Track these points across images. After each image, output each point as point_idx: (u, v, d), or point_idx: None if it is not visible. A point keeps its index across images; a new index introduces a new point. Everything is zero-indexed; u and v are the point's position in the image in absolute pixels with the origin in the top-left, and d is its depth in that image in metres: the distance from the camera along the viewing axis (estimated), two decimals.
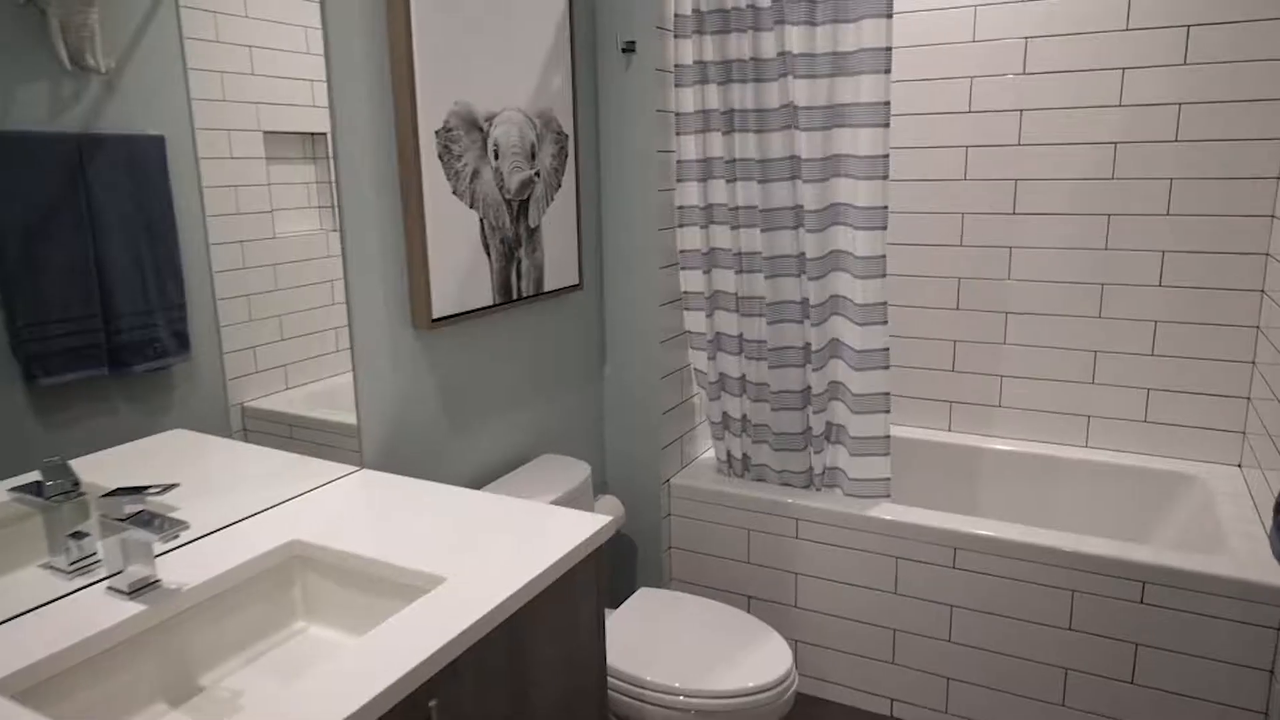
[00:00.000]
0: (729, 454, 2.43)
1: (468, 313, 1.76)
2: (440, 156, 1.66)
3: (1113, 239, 2.46)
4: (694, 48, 2.16)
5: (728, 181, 2.20)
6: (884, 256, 2.08)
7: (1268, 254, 2.30)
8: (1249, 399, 2.39)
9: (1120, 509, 2.52)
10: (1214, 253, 2.36)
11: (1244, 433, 2.42)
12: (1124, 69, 2.36)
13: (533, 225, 1.95)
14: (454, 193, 1.70)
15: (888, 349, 2.15)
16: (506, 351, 1.95)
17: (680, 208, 2.31)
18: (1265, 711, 1.87)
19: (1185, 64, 2.29)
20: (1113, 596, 1.95)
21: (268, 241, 1.37)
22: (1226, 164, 2.30)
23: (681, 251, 2.34)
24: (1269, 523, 1.99)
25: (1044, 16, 2.42)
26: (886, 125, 1.99)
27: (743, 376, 2.35)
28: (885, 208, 2.04)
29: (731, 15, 2.10)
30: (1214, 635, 1.88)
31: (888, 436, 2.21)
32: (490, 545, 1.25)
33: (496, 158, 1.82)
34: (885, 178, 2.02)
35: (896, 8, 2.58)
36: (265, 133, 1.36)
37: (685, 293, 2.36)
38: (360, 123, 1.52)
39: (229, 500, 1.33)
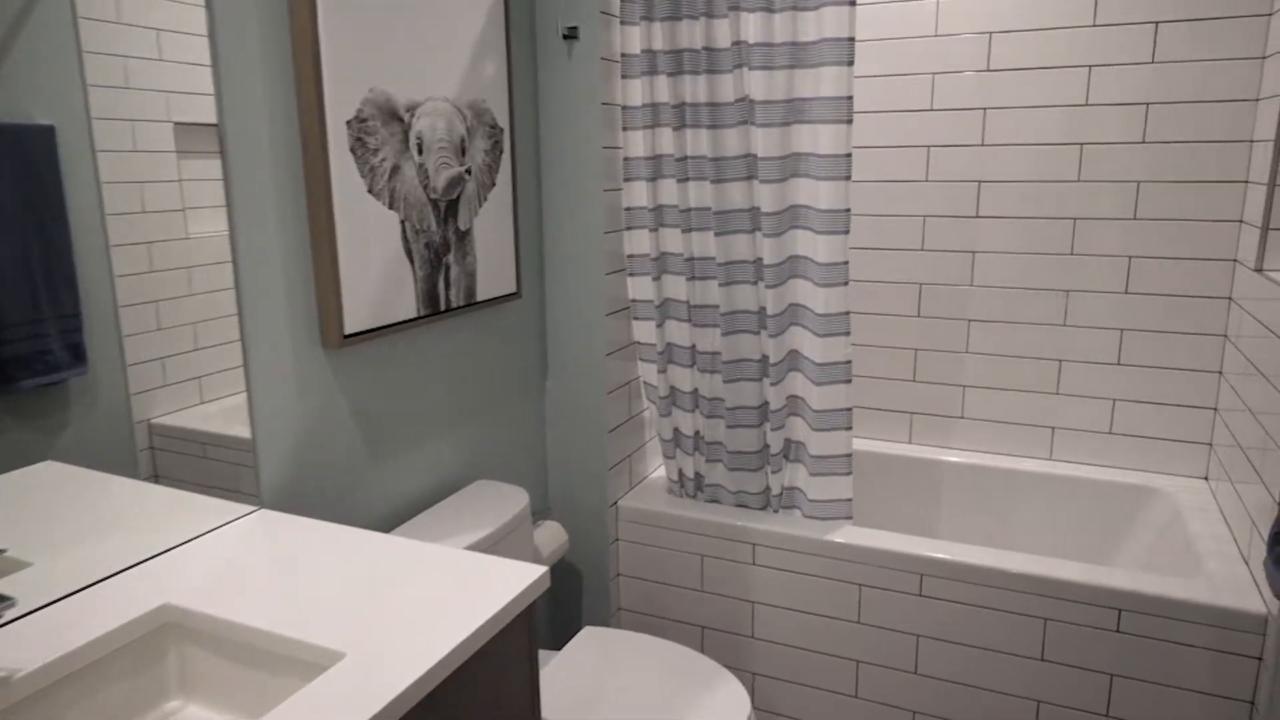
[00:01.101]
0: (681, 473, 2.26)
1: (388, 327, 1.57)
2: (353, 150, 1.46)
3: (1078, 244, 2.36)
4: (642, 35, 1.98)
5: (679, 181, 2.04)
6: (846, 263, 1.93)
7: (1236, 260, 2.22)
8: (1216, 410, 2.31)
9: (1086, 524, 2.42)
10: (1181, 259, 2.27)
11: (1211, 444, 2.34)
12: (1090, 67, 2.25)
13: (463, 228, 1.76)
14: (370, 191, 1.50)
15: (850, 362, 2.01)
16: (435, 369, 1.75)
17: (628, 209, 2.13)
18: None
19: (1153, 62, 2.20)
20: (1087, 624, 1.84)
21: (180, 243, 1.23)
22: (1194, 167, 2.21)
23: (629, 256, 2.17)
24: (1245, 543, 1.90)
25: (1008, 10, 2.30)
26: (849, 122, 1.84)
27: (695, 391, 2.19)
28: (848, 210, 1.90)
29: (683, 1, 1.93)
30: (1192, 664, 1.77)
31: (849, 455, 2.07)
32: (404, 607, 1.06)
33: (420, 153, 1.62)
34: (848, 178, 1.87)
35: None
36: (176, 124, 1.21)
37: (633, 301, 2.19)
38: (254, 110, 1.31)
39: (92, 553, 1.12)
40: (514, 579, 1.13)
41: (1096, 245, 2.34)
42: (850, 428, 2.05)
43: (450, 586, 1.11)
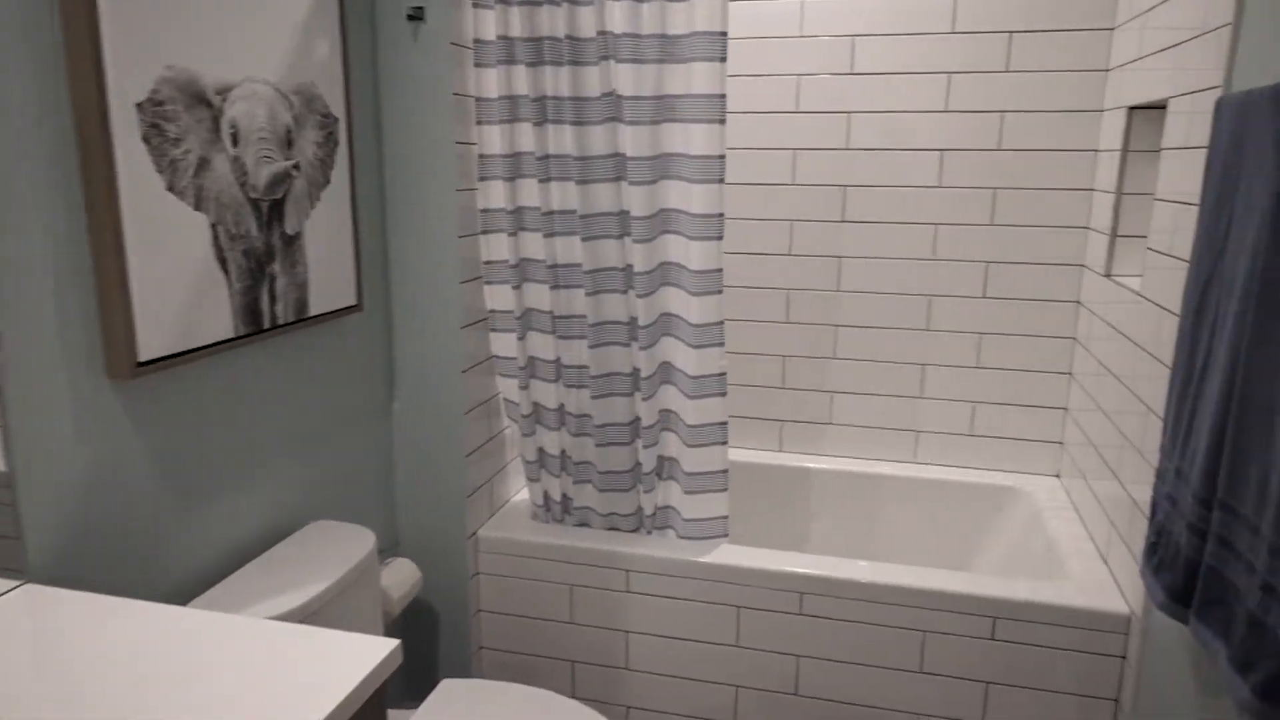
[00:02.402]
0: (547, 496, 2.10)
1: (197, 350, 1.32)
2: (146, 139, 1.20)
3: (940, 249, 2.37)
4: (497, 20, 1.80)
5: (541, 181, 1.87)
6: (720, 270, 1.83)
7: (1083, 266, 2.29)
8: (1067, 409, 2.38)
9: (951, 526, 2.44)
10: (1034, 264, 2.32)
11: (1062, 443, 2.41)
12: (950, 73, 2.26)
13: (291, 232, 1.52)
14: (171, 189, 1.25)
15: (725, 374, 1.91)
16: (259, 396, 1.51)
17: (484, 211, 1.94)
18: None
19: (1008, 71, 2.23)
20: (963, 634, 1.82)
21: None
22: (1045, 175, 2.26)
23: (486, 263, 1.98)
24: (1103, 542, 1.94)
25: (871, 13, 2.27)
26: (722, 121, 1.74)
27: (561, 407, 2.03)
28: (721, 215, 1.79)
29: None
30: (1062, 667, 1.79)
31: (725, 470, 1.97)
32: (211, 712, 0.84)
33: (236, 144, 1.38)
34: (721, 181, 1.77)
35: None
36: None
37: (491, 311, 2.00)
38: (7, 87, 1.04)
39: None
40: (360, 657, 0.94)
41: (957, 251, 2.36)
42: (725, 442, 1.96)
43: (272, 676, 0.90)
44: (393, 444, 1.98)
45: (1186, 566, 1.25)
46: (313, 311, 1.58)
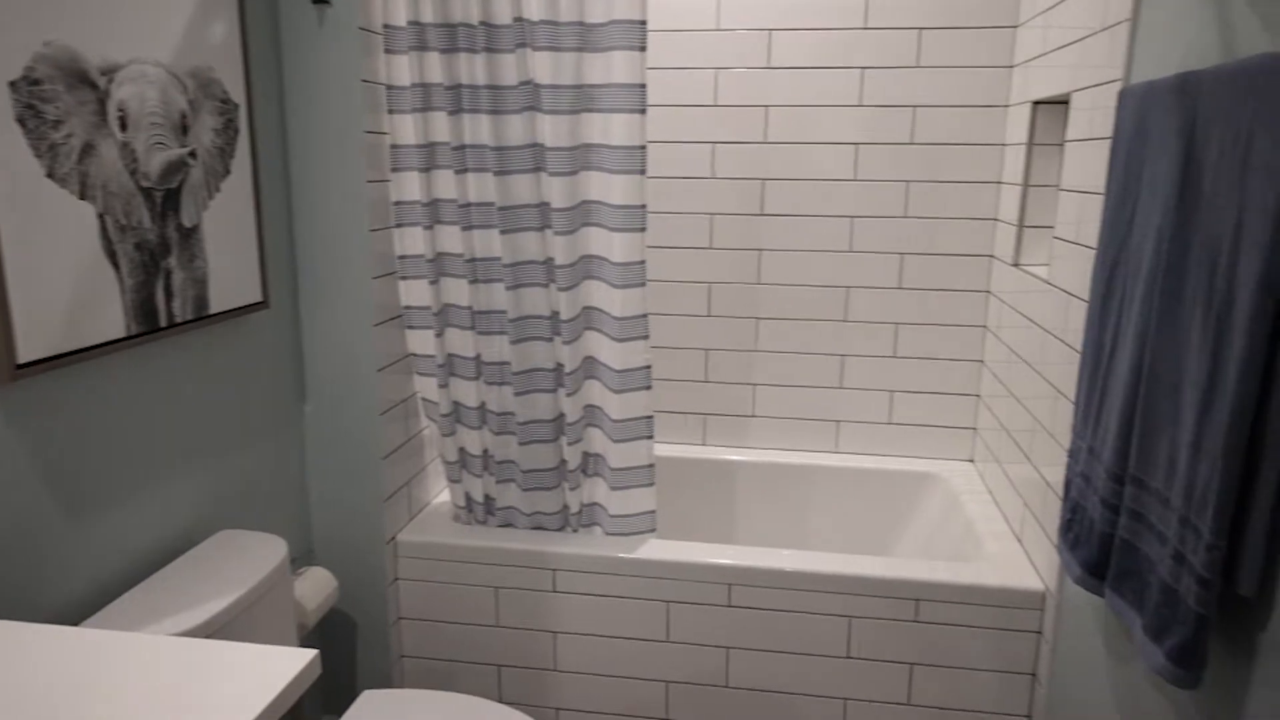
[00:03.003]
0: (469, 497, 2.04)
1: (85, 350, 1.22)
2: (22, 121, 1.10)
3: (856, 241, 2.41)
4: (408, 5, 1.73)
5: (457, 172, 1.81)
6: (643, 262, 1.81)
7: (993, 256, 2.36)
8: (979, 396, 2.46)
9: (873, 513, 2.48)
10: (945, 254, 2.38)
11: (975, 429, 2.48)
12: (864, 68, 2.30)
13: (188, 224, 1.42)
14: (51, 176, 1.15)
15: (650, 367, 1.89)
16: (156, 399, 1.41)
17: (397, 204, 1.87)
18: (1029, 715, 1.86)
19: (918, 66, 2.28)
20: (888, 618, 1.85)
21: None
22: (955, 168, 2.32)
23: (400, 257, 1.91)
24: (1017, 522, 2.01)
25: (786, 8, 2.29)
26: (643, 112, 1.72)
27: (482, 405, 1.97)
28: (643, 207, 1.77)
29: None
30: (982, 645, 1.84)
31: (651, 465, 1.95)
32: None
33: (125, 129, 1.28)
34: (643, 172, 1.75)
35: None
36: None
37: (407, 308, 1.93)
38: None
39: None
40: (271, 672, 0.88)
41: (873, 242, 2.40)
42: (651, 436, 1.94)
43: (178, 696, 0.84)
44: (304, 448, 1.89)
45: (1101, 541, 1.29)
46: (214, 309, 1.49)
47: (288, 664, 0.89)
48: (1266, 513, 0.97)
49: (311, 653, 0.92)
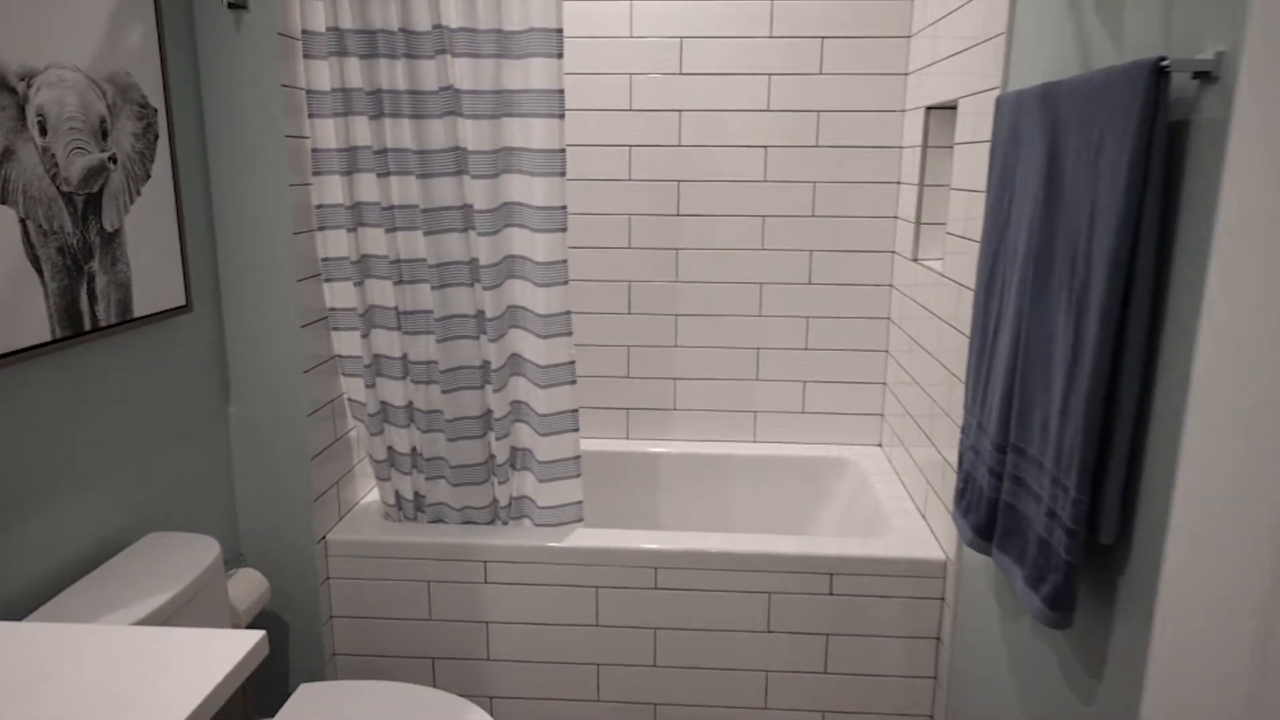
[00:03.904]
0: (398, 495, 2.07)
1: (7, 355, 1.22)
2: None
3: (768, 239, 2.53)
4: (326, 11, 1.76)
5: (379, 175, 1.85)
6: (565, 261, 1.88)
7: (894, 252, 2.51)
8: (885, 384, 2.61)
9: (790, 498, 2.61)
10: (852, 251, 2.53)
11: (883, 415, 2.64)
12: (770, 75, 2.42)
13: (110, 228, 1.43)
14: None
15: (574, 362, 1.96)
16: (83, 402, 1.41)
17: (319, 207, 1.90)
18: (935, 675, 2.00)
19: (821, 73, 2.41)
20: (804, 592, 1.97)
21: None
22: (858, 169, 2.47)
23: (324, 260, 1.93)
24: (921, 500, 2.15)
25: (696, 17, 2.40)
26: (561, 116, 1.79)
27: (410, 404, 2.01)
28: (564, 208, 1.84)
29: None
30: (891, 613, 1.97)
31: (578, 457, 2.02)
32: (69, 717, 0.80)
33: (44, 133, 1.29)
34: (563, 174, 1.82)
35: None
36: None
37: (332, 309, 1.96)
38: None
39: None
40: (222, 652, 0.91)
41: (784, 240, 2.52)
42: (577, 429, 2.01)
43: (131, 678, 0.87)
44: (230, 450, 1.89)
45: (988, 506, 1.43)
46: (138, 312, 1.50)
47: (236, 645, 0.93)
48: (1122, 469, 1.11)
49: (259, 634, 0.96)
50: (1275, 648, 0.52)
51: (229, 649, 0.93)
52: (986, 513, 1.43)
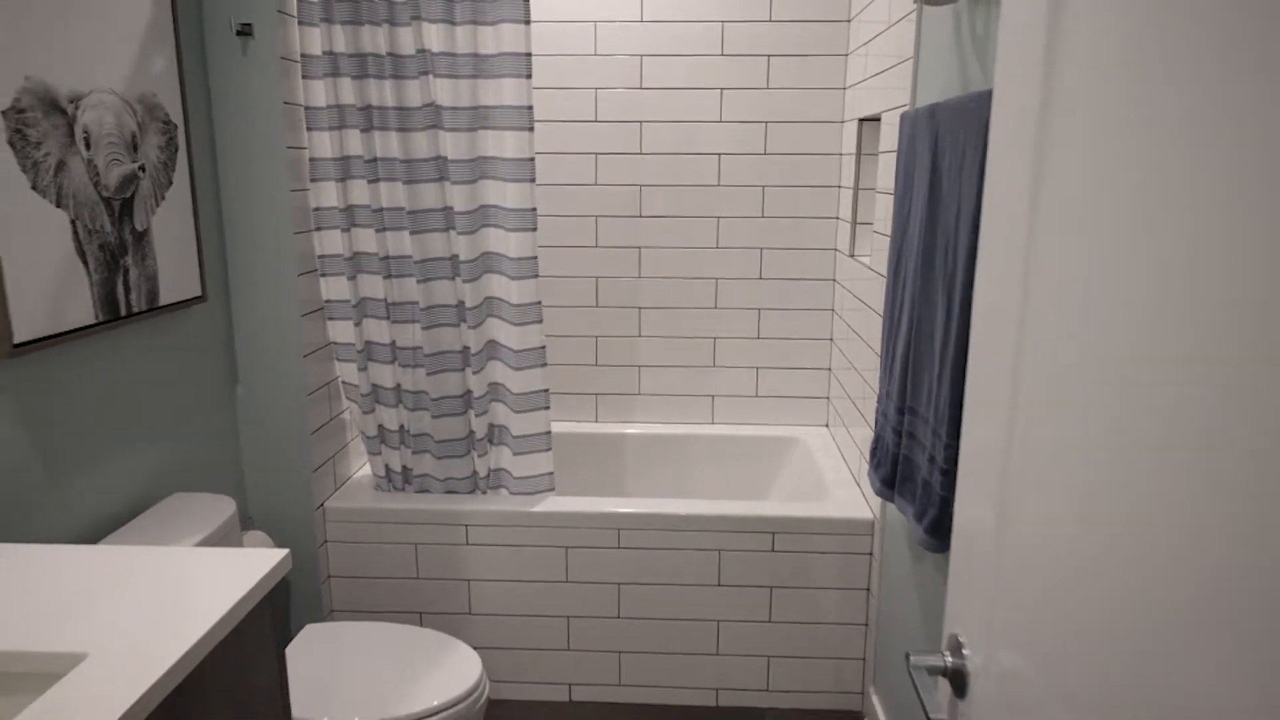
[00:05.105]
0: (388, 468, 2.31)
1: (63, 335, 1.45)
2: (11, 144, 1.34)
3: (722, 238, 2.79)
4: (322, 37, 2.00)
5: (370, 182, 2.09)
6: (535, 257, 2.13)
7: (835, 249, 2.78)
8: (830, 370, 2.87)
9: (744, 473, 2.87)
10: (798, 249, 2.79)
11: (829, 398, 2.90)
12: (722, 89, 2.68)
13: (140, 228, 1.66)
14: (34, 188, 1.39)
15: (544, 347, 2.21)
16: (118, 377, 1.64)
17: (316, 209, 2.13)
18: (866, 622, 2.26)
19: (769, 88, 2.68)
20: (750, 550, 2.22)
21: None
22: (803, 174, 2.73)
23: (320, 257, 2.17)
24: (857, 471, 2.41)
25: (655, 37, 2.65)
26: (530, 129, 2.04)
27: (398, 386, 2.25)
28: (534, 210, 2.09)
29: (363, 6, 1.99)
30: (826, 568, 2.23)
31: (549, 432, 2.27)
32: (138, 605, 1.04)
33: (89, 147, 1.52)
34: (532, 180, 2.07)
35: None
36: None
37: (328, 301, 2.19)
38: None
39: None
40: (255, 563, 1.15)
41: (736, 239, 2.78)
42: (548, 407, 2.25)
43: (183, 580, 1.11)
44: (238, 426, 2.12)
45: (891, 460, 1.69)
46: (163, 301, 1.73)
47: (266, 558, 1.17)
48: None
49: (283, 551, 1.20)
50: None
51: (261, 560, 1.17)
52: (890, 466, 1.69)
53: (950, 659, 0.91)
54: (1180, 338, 0.55)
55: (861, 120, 2.47)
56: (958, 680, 0.90)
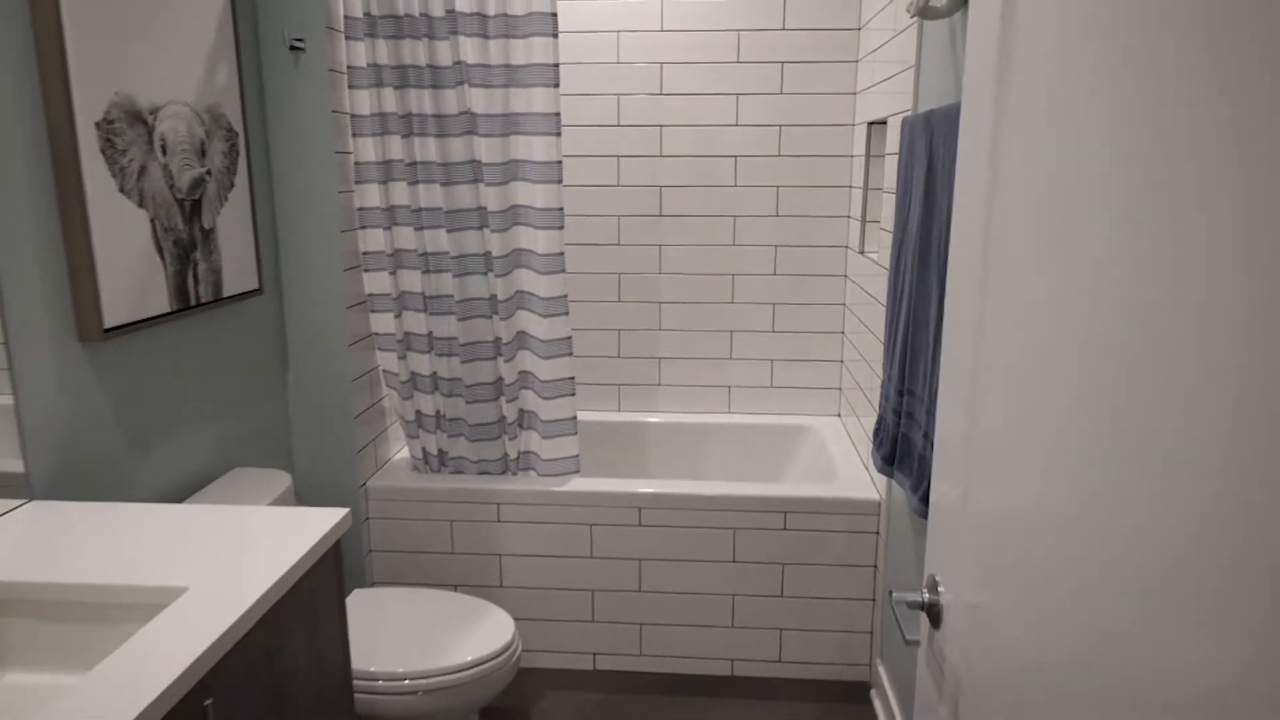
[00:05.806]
0: (425, 451, 2.47)
1: (143, 321, 1.63)
2: (103, 151, 1.51)
3: (739, 236, 2.93)
4: (367, 51, 2.17)
5: (410, 184, 2.26)
6: (562, 254, 2.29)
7: (847, 247, 2.91)
8: (842, 362, 3.01)
9: (759, 459, 3.01)
10: (810, 246, 2.93)
11: (840, 389, 3.03)
12: (738, 95, 2.82)
13: (207, 226, 1.84)
14: (121, 190, 1.56)
15: (570, 338, 2.37)
16: (187, 361, 1.82)
17: (360, 209, 2.30)
18: (873, 598, 2.40)
19: (782, 93, 2.82)
20: (763, 528, 2.36)
21: None
22: (816, 175, 2.87)
23: (364, 253, 2.34)
24: (866, 457, 2.55)
25: (674, 45, 2.80)
26: (558, 134, 2.19)
27: (434, 374, 2.41)
28: (561, 209, 2.25)
29: (404, 22, 2.15)
30: (835, 546, 2.36)
31: (575, 418, 2.42)
32: (224, 552, 1.21)
33: (165, 154, 1.69)
34: (560, 182, 2.22)
35: None
36: None
37: (371, 295, 2.36)
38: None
39: None
40: (321, 520, 1.32)
41: (752, 237, 2.93)
42: (574, 394, 2.41)
43: (260, 532, 1.27)
44: (289, 410, 2.30)
45: (892, 439, 1.83)
46: (226, 293, 1.90)
47: (331, 516, 1.34)
48: None
49: (344, 510, 1.36)
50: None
51: (326, 517, 1.33)
52: (891, 444, 1.83)
53: (928, 595, 1.05)
54: (1122, 329, 0.69)
55: (870, 123, 2.60)
56: (934, 612, 1.04)
